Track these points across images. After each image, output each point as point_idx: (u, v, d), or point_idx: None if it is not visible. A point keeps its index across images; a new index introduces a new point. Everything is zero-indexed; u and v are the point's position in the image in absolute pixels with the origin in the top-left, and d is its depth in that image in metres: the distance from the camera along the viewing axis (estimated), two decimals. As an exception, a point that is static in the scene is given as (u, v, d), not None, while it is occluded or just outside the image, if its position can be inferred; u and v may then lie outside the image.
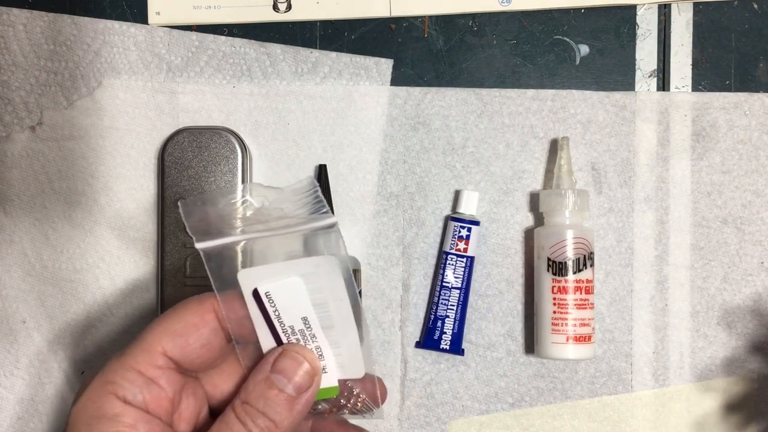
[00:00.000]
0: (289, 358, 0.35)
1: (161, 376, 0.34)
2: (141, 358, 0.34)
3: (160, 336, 0.35)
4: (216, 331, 0.35)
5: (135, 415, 0.33)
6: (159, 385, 0.34)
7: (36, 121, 0.53)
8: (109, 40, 0.53)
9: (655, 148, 0.53)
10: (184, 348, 0.35)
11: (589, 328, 0.50)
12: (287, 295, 0.35)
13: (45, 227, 0.53)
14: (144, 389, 0.34)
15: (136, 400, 0.33)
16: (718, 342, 0.53)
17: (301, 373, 0.35)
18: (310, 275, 0.35)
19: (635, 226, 0.53)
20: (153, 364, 0.34)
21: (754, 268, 0.53)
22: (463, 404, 0.53)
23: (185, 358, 0.35)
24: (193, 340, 0.35)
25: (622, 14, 0.54)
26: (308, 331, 0.36)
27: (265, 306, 0.35)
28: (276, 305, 0.35)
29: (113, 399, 0.33)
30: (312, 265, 0.35)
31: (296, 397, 0.34)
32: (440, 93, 0.53)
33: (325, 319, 0.36)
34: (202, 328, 0.35)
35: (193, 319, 0.35)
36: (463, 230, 0.51)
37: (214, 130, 0.52)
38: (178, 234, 0.51)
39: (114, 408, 0.33)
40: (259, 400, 0.34)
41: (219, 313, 0.35)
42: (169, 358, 0.34)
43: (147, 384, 0.34)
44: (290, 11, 0.53)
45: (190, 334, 0.35)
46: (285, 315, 0.35)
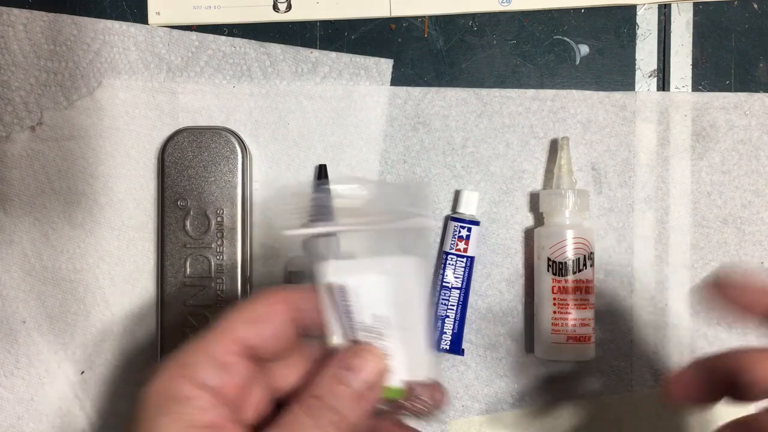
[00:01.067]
0: (359, 357, 0.36)
1: (234, 362, 0.34)
2: (216, 344, 0.34)
3: (236, 323, 0.35)
4: (287, 322, 0.36)
5: (207, 399, 0.33)
6: (231, 372, 0.34)
7: (36, 121, 0.53)
8: (109, 40, 0.53)
9: (655, 148, 0.53)
10: (258, 336, 0.35)
11: (589, 328, 0.50)
12: (368, 291, 0.35)
13: (45, 227, 0.53)
14: (217, 374, 0.34)
15: (209, 384, 0.33)
16: (718, 342, 0.53)
17: (370, 371, 0.35)
18: (394, 274, 0.35)
19: (635, 226, 0.53)
20: (227, 350, 0.34)
21: (754, 268, 0.53)
22: (463, 404, 0.53)
23: (258, 346, 0.35)
24: (267, 329, 0.35)
25: (622, 14, 0.54)
26: (381, 329, 0.36)
27: (344, 299, 0.35)
28: (355, 300, 0.35)
29: (186, 382, 0.33)
30: (398, 265, 0.35)
31: (363, 394, 0.35)
32: (440, 93, 0.53)
33: (399, 319, 0.36)
34: (274, 317, 0.35)
35: (267, 309, 0.36)
36: (463, 230, 0.51)
37: (214, 130, 0.52)
38: (178, 234, 0.51)
39: (187, 390, 0.33)
40: (328, 394, 0.35)
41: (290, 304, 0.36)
42: (243, 346, 0.35)
43: (220, 369, 0.34)
44: (290, 11, 0.53)
45: (263, 322, 0.35)
46: (362, 311, 0.36)
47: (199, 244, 0.51)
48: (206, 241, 0.51)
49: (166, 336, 0.51)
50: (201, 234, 0.51)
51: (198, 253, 0.51)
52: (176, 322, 0.51)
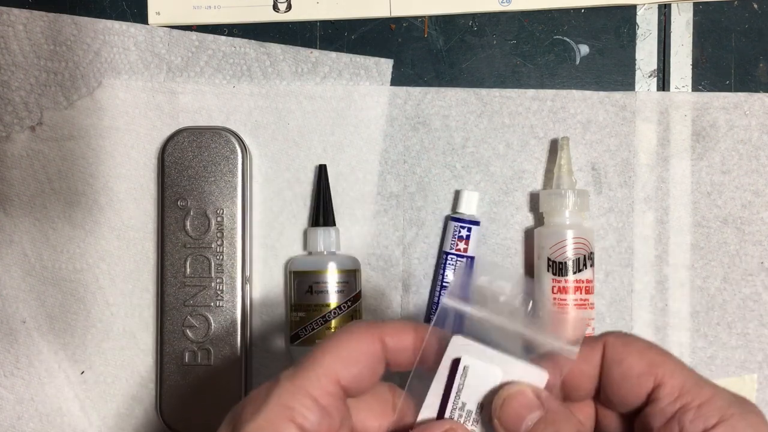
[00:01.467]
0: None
1: (332, 404, 0.33)
2: (316, 384, 0.33)
3: (335, 362, 0.33)
4: (381, 361, 0.35)
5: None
6: (330, 414, 0.33)
7: (36, 121, 0.53)
8: (109, 40, 0.53)
9: (655, 148, 0.53)
10: (356, 376, 0.34)
11: (589, 328, 0.50)
12: (481, 379, 0.35)
13: (45, 227, 0.53)
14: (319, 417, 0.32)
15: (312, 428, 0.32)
16: (718, 342, 0.53)
17: None
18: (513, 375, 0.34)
19: (635, 226, 0.53)
20: (326, 391, 0.33)
21: (754, 268, 0.53)
22: (463, 404, 0.53)
23: (355, 386, 0.34)
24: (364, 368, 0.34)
25: (622, 14, 0.54)
26: (475, 415, 0.35)
27: (455, 375, 0.35)
28: (465, 380, 0.35)
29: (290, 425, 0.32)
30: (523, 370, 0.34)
31: None
32: (440, 93, 0.53)
33: None
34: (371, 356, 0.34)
35: (364, 346, 0.34)
36: (463, 230, 0.51)
37: (214, 130, 0.52)
38: (178, 234, 0.51)
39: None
40: None
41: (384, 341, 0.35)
42: (340, 386, 0.33)
43: (321, 412, 0.33)
44: (290, 11, 0.53)
45: (363, 363, 0.34)
46: (466, 393, 0.35)
47: (199, 244, 0.51)
48: (206, 241, 0.51)
49: (166, 336, 0.51)
50: (201, 234, 0.51)
51: (198, 253, 0.51)
52: (176, 322, 0.51)
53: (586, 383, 0.34)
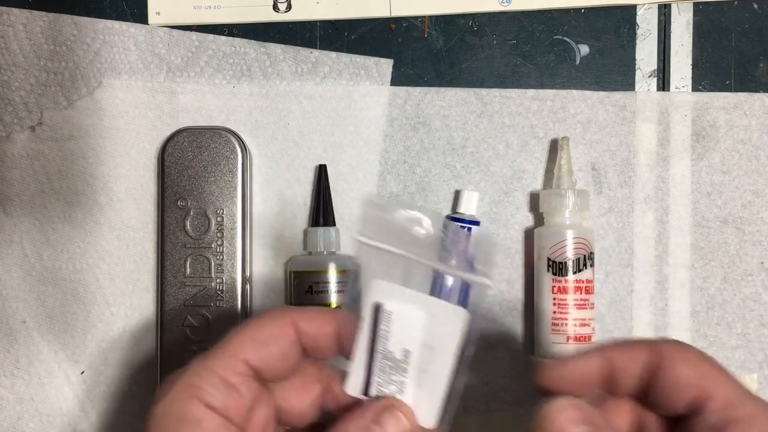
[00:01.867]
0: (393, 417, 0.35)
1: (241, 383, 0.35)
2: (224, 364, 0.35)
3: (243, 343, 0.35)
4: (294, 344, 0.36)
5: (216, 421, 0.33)
6: (239, 392, 0.35)
7: (36, 121, 0.53)
8: (109, 40, 0.53)
9: (655, 148, 0.53)
10: (265, 357, 0.35)
11: (589, 328, 0.50)
12: (403, 322, 0.35)
13: (45, 227, 0.53)
14: (226, 395, 0.34)
15: (218, 405, 0.34)
16: (718, 342, 0.53)
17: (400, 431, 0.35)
18: (436, 317, 0.35)
19: (635, 226, 0.53)
20: (235, 371, 0.34)
21: (754, 268, 0.53)
22: (463, 404, 0.53)
23: (265, 366, 0.35)
24: (274, 350, 0.35)
25: (622, 14, 0.54)
26: (403, 363, 0.36)
27: (378, 322, 0.35)
28: (389, 327, 0.35)
29: (196, 403, 0.33)
30: (442, 309, 0.35)
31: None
32: (440, 93, 0.53)
33: (424, 361, 0.36)
34: (282, 339, 0.36)
35: (275, 329, 0.36)
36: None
37: (214, 130, 0.52)
38: (178, 234, 0.51)
39: (197, 412, 0.33)
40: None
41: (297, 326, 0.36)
42: (249, 366, 0.35)
43: (229, 390, 0.34)
44: (290, 11, 0.53)
45: (271, 343, 0.35)
46: (391, 340, 0.35)
47: (199, 244, 0.51)
48: (206, 241, 0.51)
49: (166, 336, 0.51)
50: (201, 234, 0.51)
51: (198, 253, 0.51)
52: (176, 322, 0.51)
53: (630, 381, 0.34)
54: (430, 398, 0.36)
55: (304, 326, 0.36)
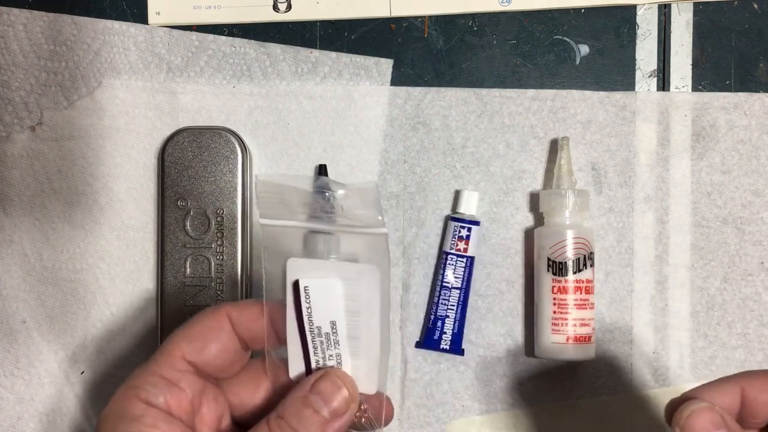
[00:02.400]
0: (329, 382, 0.36)
1: (181, 378, 0.36)
2: (162, 363, 0.36)
3: (179, 341, 0.36)
4: (231, 336, 0.37)
5: (156, 416, 0.34)
6: (179, 387, 0.36)
7: (36, 121, 0.53)
8: (109, 40, 0.53)
9: (655, 148, 0.53)
10: (201, 351, 0.36)
11: (589, 328, 0.50)
12: (324, 294, 0.35)
13: (45, 227, 0.53)
14: (165, 391, 0.35)
15: (158, 401, 0.35)
16: (718, 342, 0.53)
17: (340, 398, 0.35)
18: (351, 281, 0.35)
19: (635, 226, 0.53)
20: (173, 368, 0.36)
21: (754, 268, 0.53)
22: (463, 404, 0.53)
23: (202, 360, 0.36)
24: (210, 343, 0.36)
25: (622, 14, 0.54)
26: (333, 336, 0.36)
27: (300, 300, 0.35)
28: (311, 302, 0.35)
29: (136, 401, 0.35)
30: (355, 272, 0.35)
31: (330, 421, 0.35)
32: (440, 93, 0.53)
33: (352, 328, 0.36)
34: (217, 332, 0.37)
35: (209, 323, 0.37)
36: (463, 230, 0.51)
37: (214, 130, 0.52)
38: (178, 234, 0.51)
39: (136, 409, 0.34)
40: (294, 417, 0.35)
41: (235, 319, 0.37)
42: (188, 362, 0.36)
43: (168, 386, 0.35)
44: (290, 11, 0.53)
45: (206, 337, 0.36)
46: (316, 314, 0.36)
47: (199, 244, 0.51)
48: (206, 241, 0.51)
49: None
50: (201, 234, 0.51)
51: (198, 253, 0.51)
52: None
53: (766, 411, 0.35)
54: (367, 364, 0.36)
55: (236, 316, 0.37)
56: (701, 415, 0.33)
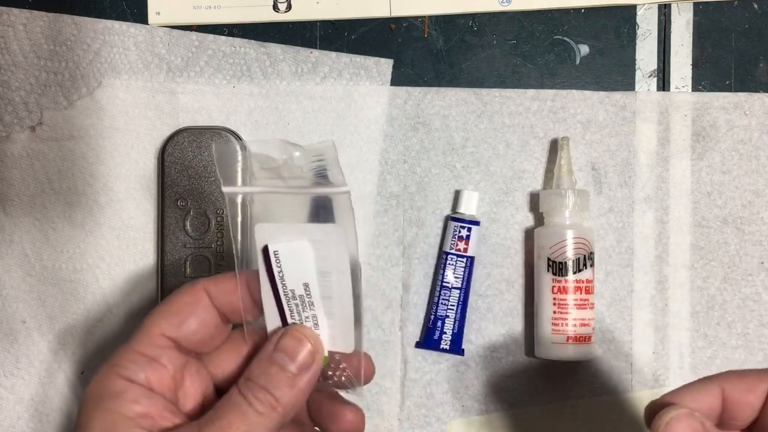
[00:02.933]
0: (292, 338, 0.36)
1: (162, 354, 0.36)
2: (142, 340, 0.36)
3: (158, 318, 0.37)
4: (208, 309, 0.37)
5: (137, 391, 0.35)
6: (160, 363, 0.36)
7: (36, 121, 0.53)
8: (109, 40, 0.53)
9: (655, 148, 0.53)
10: (180, 326, 0.37)
11: (589, 328, 0.50)
12: (294, 257, 0.35)
13: (45, 227, 0.53)
14: (145, 367, 0.36)
15: (138, 378, 0.35)
16: (718, 342, 0.53)
17: (304, 352, 0.36)
18: (319, 242, 0.35)
19: (635, 226, 0.53)
20: (153, 345, 0.36)
21: (754, 268, 0.53)
22: (463, 404, 0.53)
23: (182, 336, 0.37)
24: (188, 318, 0.37)
25: (622, 14, 0.54)
26: (308, 298, 0.36)
27: (272, 265, 0.36)
28: (282, 266, 0.36)
29: (117, 378, 0.35)
30: (322, 232, 0.35)
31: (297, 375, 0.36)
32: (440, 93, 0.53)
33: (325, 288, 0.36)
34: (195, 306, 0.37)
35: (187, 299, 0.37)
36: (463, 230, 0.51)
37: (214, 130, 0.52)
38: (178, 234, 0.51)
39: (117, 386, 0.35)
40: (261, 376, 0.35)
41: (212, 293, 0.37)
42: (167, 338, 0.37)
43: (148, 363, 0.36)
44: (290, 11, 0.53)
45: (184, 313, 0.37)
46: (289, 278, 0.36)
47: (199, 244, 0.51)
48: (206, 241, 0.51)
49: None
50: (201, 234, 0.51)
51: (198, 253, 0.51)
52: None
53: (747, 413, 0.34)
54: (342, 323, 0.36)
55: (213, 289, 0.37)
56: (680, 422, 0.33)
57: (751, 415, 0.34)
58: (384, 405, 0.53)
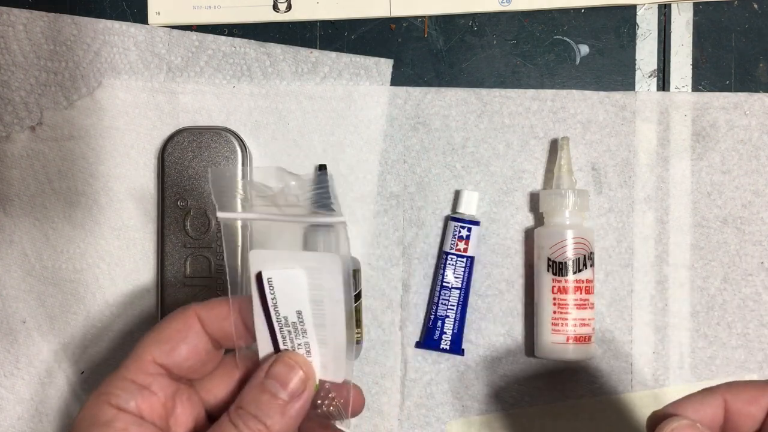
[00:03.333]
0: (283, 364, 0.36)
1: (153, 382, 0.36)
2: (132, 367, 0.36)
3: (149, 345, 0.36)
4: (200, 335, 0.37)
5: (127, 420, 0.35)
6: (151, 391, 0.36)
7: (36, 121, 0.53)
8: (109, 40, 0.53)
9: (655, 148, 0.53)
10: (171, 353, 0.36)
11: (589, 328, 0.50)
12: (288, 285, 0.35)
13: (45, 227, 0.53)
14: (136, 395, 0.35)
15: (129, 406, 0.35)
16: (718, 342, 0.53)
17: (296, 379, 0.36)
18: (313, 270, 0.35)
19: (635, 226, 0.53)
20: (144, 372, 0.36)
21: (754, 268, 0.53)
22: (463, 404, 0.53)
23: (173, 363, 0.36)
24: (179, 345, 0.36)
25: (622, 14, 0.54)
26: (300, 325, 0.36)
27: (265, 291, 0.36)
28: (276, 293, 0.35)
29: (107, 407, 0.35)
30: (317, 261, 0.35)
31: (289, 402, 0.35)
32: (440, 93, 0.53)
33: (318, 316, 0.36)
34: (186, 332, 0.36)
35: (178, 325, 0.37)
36: (463, 230, 0.51)
37: (214, 130, 0.52)
38: (178, 234, 0.51)
39: (107, 415, 0.34)
40: (252, 404, 0.35)
41: (204, 319, 0.37)
42: (158, 365, 0.36)
43: (139, 390, 0.35)
44: (290, 11, 0.53)
45: (175, 339, 0.36)
46: (282, 305, 0.36)
47: (199, 244, 0.51)
48: (206, 241, 0.51)
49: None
50: (201, 234, 0.51)
51: (198, 253, 0.51)
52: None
53: (749, 424, 0.34)
54: (334, 352, 0.36)
55: (205, 315, 0.37)
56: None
57: (753, 426, 0.34)
58: (384, 405, 0.53)
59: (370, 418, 0.53)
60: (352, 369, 0.38)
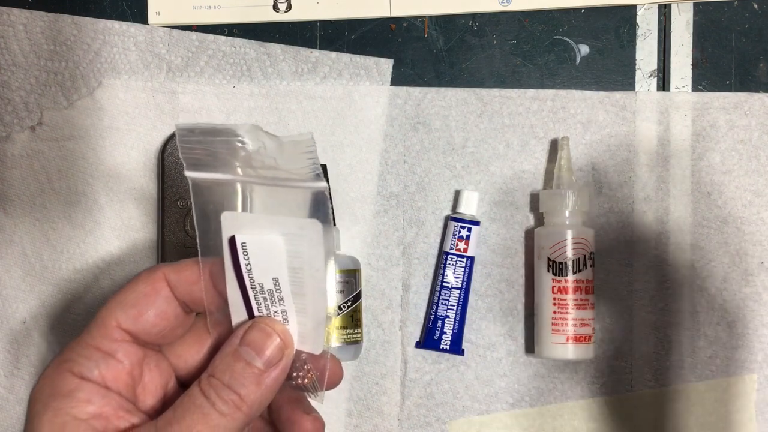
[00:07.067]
0: (259, 331, 0.33)
1: (118, 349, 0.33)
2: (96, 334, 0.33)
3: (113, 310, 0.34)
4: (169, 299, 0.34)
5: (91, 390, 0.32)
6: (116, 359, 0.33)
7: (36, 121, 0.53)
8: (109, 40, 0.53)
9: (655, 148, 0.53)
10: (138, 318, 0.34)
11: (589, 328, 0.50)
12: (264, 250, 0.33)
13: (45, 227, 0.53)
14: (100, 363, 0.33)
15: (92, 375, 0.33)
16: (718, 342, 0.53)
17: (272, 346, 0.33)
18: (292, 236, 0.33)
19: (635, 226, 0.53)
20: (108, 338, 0.33)
21: (754, 268, 0.53)
22: (463, 404, 0.53)
23: (140, 329, 0.34)
24: (146, 309, 0.34)
25: (622, 14, 0.54)
26: (277, 293, 0.34)
27: (238, 256, 0.33)
28: (250, 259, 0.33)
29: (69, 376, 0.32)
30: (297, 227, 0.33)
31: (265, 371, 0.33)
32: (440, 93, 0.53)
33: (297, 285, 0.34)
34: (154, 297, 0.34)
35: (145, 289, 0.34)
36: (463, 230, 0.51)
37: (214, 130, 0.51)
38: (178, 234, 0.51)
39: (69, 384, 0.32)
40: (225, 372, 0.33)
41: (172, 281, 0.34)
42: (124, 331, 0.34)
43: (103, 358, 0.33)
44: (290, 11, 0.53)
45: (142, 304, 0.34)
46: (257, 271, 0.33)
47: (199, 244, 0.51)
48: (206, 241, 0.51)
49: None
50: (201, 234, 0.51)
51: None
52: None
53: None
54: (313, 322, 0.34)
55: (174, 278, 0.34)
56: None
57: None
58: (384, 405, 0.53)
59: (370, 418, 0.53)
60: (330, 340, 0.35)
